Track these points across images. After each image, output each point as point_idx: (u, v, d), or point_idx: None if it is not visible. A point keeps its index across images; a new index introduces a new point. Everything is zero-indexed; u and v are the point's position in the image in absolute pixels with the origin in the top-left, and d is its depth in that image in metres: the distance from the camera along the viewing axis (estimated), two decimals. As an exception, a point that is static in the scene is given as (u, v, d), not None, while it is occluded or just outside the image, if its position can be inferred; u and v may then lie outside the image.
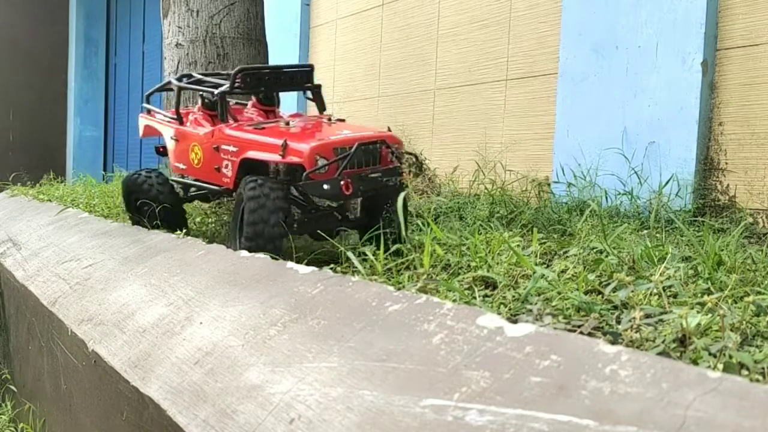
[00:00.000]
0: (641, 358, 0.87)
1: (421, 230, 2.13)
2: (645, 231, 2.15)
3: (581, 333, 1.19)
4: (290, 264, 1.60)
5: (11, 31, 9.12)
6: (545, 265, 1.72)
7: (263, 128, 2.19)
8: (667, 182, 2.63)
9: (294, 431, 1.03)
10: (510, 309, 1.41)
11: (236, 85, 2.28)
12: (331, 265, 1.69)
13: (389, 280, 1.56)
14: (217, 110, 2.37)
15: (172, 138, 2.53)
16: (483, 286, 1.56)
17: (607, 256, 1.70)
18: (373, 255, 1.73)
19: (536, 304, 1.39)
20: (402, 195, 1.93)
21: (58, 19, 9.45)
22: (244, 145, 2.13)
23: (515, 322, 1.09)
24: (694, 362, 1.02)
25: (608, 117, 2.93)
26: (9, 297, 2.79)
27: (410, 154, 2.23)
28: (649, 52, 2.79)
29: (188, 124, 2.51)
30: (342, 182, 1.89)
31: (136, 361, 1.50)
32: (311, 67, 2.46)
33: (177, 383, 1.32)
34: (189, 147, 2.41)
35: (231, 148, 2.17)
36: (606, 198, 2.70)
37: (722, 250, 1.72)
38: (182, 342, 1.45)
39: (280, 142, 1.98)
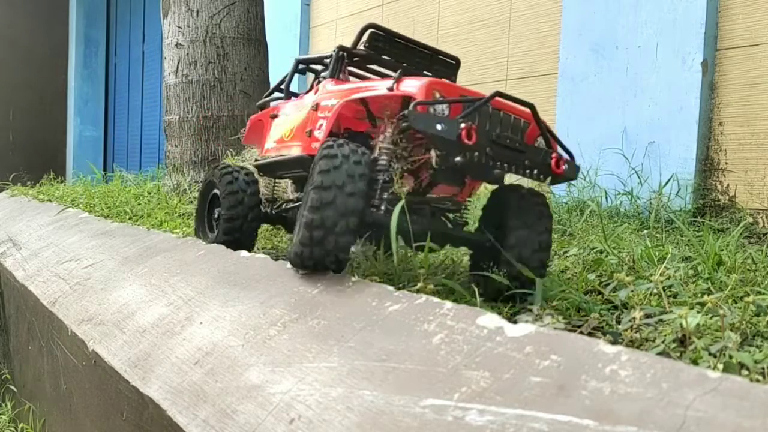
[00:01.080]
0: (641, 358, 0.86)
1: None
2: (645, 231, 2.15)
3: (581, 333, 1.19)
4: (290, 264, 1.60)
5: (11, 31, 9.12)
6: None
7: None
8: (667, 182, 2.63)
9: (294, 431, 1.03)
10: (510, 309, 1.41)
11: (363, 46, 1.83)
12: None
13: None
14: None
15: (272, 116, 2.09)
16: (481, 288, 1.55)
17: (607, 256, 1.70)
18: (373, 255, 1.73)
19: (536, 303, 1.39)
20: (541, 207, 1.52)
21: (58, 19, 9.45)
22: (346, 94, 1.67)
23: (515, 322, 1.09)
24: (694, 362, 1.02)
25: (608, 117, 2.93)
26: (9, 297, 2.79)
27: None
28: (649, 52, 2.79)
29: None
30: (463, 125, 1.33)
31: (136, 361, 1.50)
32: (457, 62, 2.05)
33: (177, 383, 1.32)
34: (287, 119, 1.99)
35: (330, 102, 1.71)
36: (606, 198, 2.70)
37: (722, 250, 1.72)
38: (182, 342, 1.45)
39: (389, 84, 1.53)
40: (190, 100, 3.34)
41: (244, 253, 1.79)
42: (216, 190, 2.01)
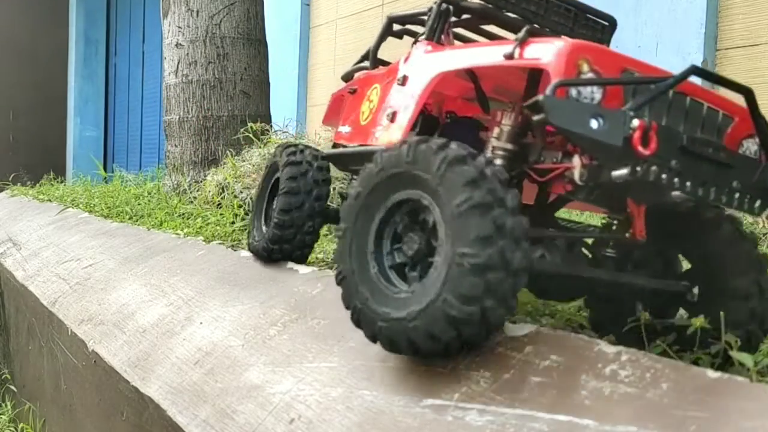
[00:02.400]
0: (641, 358, 0.86)
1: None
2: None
3: (581, 333, 1.19)
4: (290, 264, 1.60)
5: (11, 31, 9.12)
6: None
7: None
8: (667, 182, 2.63)
9: (294, 431, 1.03)
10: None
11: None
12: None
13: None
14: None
15: (350, 91, 1.65)
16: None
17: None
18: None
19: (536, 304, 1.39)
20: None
21: (58, 19, 9.44)
22: (447, 64, 1.23)
23: (515, 322, 1.09)
24: (695, 362, 1.02)
25: (608, 117, 2.93)
26: (9, 297, 2.79)
27: None
28: (649, 52, 2.79)
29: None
30: (636, 122, 0.89)
31: (136, 361, 1.50)
32: (612, 24, 1.48)
33: (177, 383, 1.32)
34: (365, 95, 1.51)
35: (422, 75, 1.26)
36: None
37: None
38: (182, 342, 1.45)
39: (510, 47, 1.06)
40: (190, 100, 3.33)
41: (244, 253, 1.79)
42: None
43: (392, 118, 1.27)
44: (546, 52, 1.01)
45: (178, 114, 3.38)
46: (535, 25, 1.32)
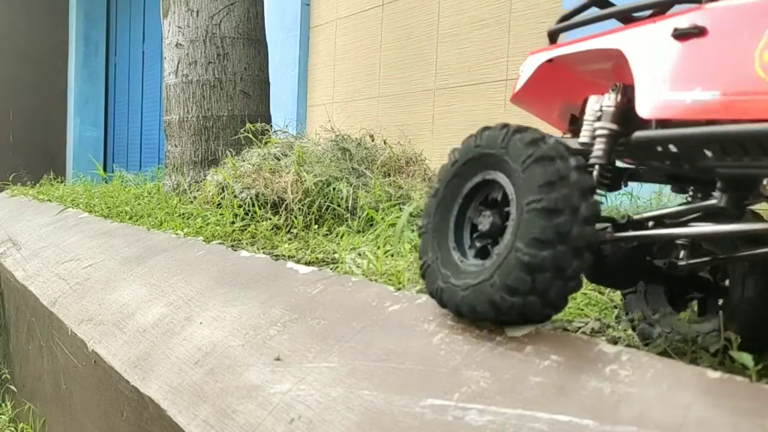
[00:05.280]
0: (641, 358, 0.87)
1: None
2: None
3: (581, 333, 1.19)
4: (290, 264, 1.60)
5: (11, 31, 9.12)
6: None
7: None
8: (667, 182, 2.63)
9: (294, 431, 1.03)
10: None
11: None
12: (331, 265, 1.68)
13: (389, 280, 1.56)
14: None
15: (678, 35, 0.93)
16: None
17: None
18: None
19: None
20: None
21: (58, 19, 9.45)
22: None
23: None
24: (694, 362, 1.02)
25: (608, 117, 2.92)
26: (9, 297, 2.79)
27: None
28: (649, 52, 2.78)
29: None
30: None
31: (136, 361, 1.50)
32: None
33: (177, 383, 1.32)
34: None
35: None
36: (606, 198, 2.70)
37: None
38: (182, 342, 1.45)
39: None
40: (190, 100, 3.34)
41: (244, 253, 1.79)
42: (494, 176, 1.07)
43: None
44: None
45: (178, 114, 3.38)
46: None
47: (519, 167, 0.98)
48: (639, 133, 0.98)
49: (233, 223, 2.37)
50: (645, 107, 0.94)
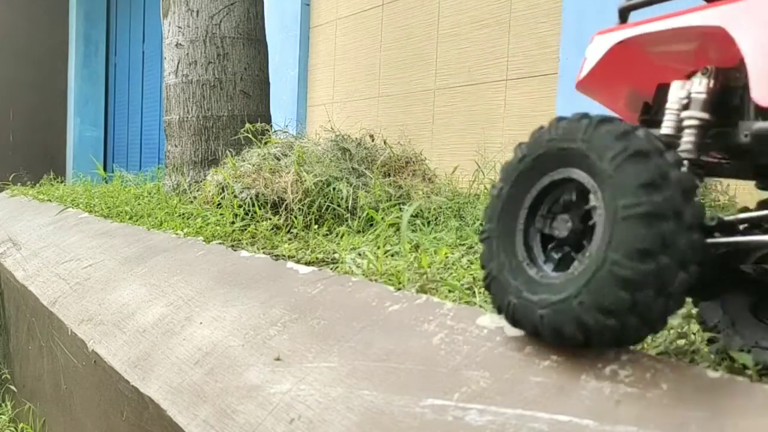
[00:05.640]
0: (641, 358, 0.87)
1: (421, 230, 2.13)
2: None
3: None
4: (290, 264, 1.60)
5: (11, 31, 9.12)
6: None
7: None
8: (667, 182, 2.62)
9: (294, 431, 1.03)
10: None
11: None
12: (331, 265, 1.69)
13: (389, 280, 1.56)
14: None
15: None
16: (483, 287, 1.55)
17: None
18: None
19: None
20: None
21: (58, 19, 9.44)
22: None
23: (515, 322, 1.09)
24: (694, 362, 1.02)
25: (608, 117, 2.93)
26: (9, 297, 2.79)
27: None
28: (649, 52, 2.79)
29: None
30: None
31: (136, 361, 1.50)
32: None
33: (177, 383, 1.32)
34: None
35: None
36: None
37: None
38: (182, 342, 1.45)
39: None
40: (190, 100, 3.34)
41: (244, 253, 1.79)
42: (570, 173, 0.93)
43: None
44: None
45: (178, 114, 3.38)
46: None
47: (608, 164, 0.83)
48: (762, 125, 0.84)
49: (233, 223, 2.37)
50: (765, 94, 0.81)
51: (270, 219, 2.37)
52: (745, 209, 0.95)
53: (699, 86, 0.90)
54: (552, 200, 0.97)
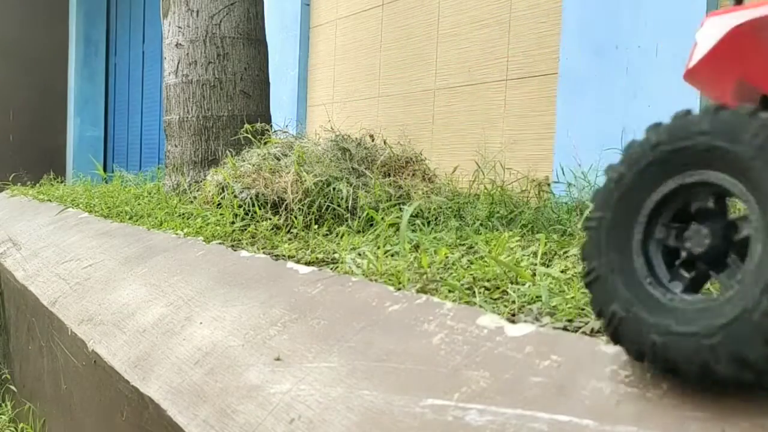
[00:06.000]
0: (641, 358, 0.86)
1: (421, 230, 2.13)
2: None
3: (581, 333, 1.19)
4: (290, 264, 1.60)
5: (11, 31, 9.12)
6: (545, 265, 1.72)
7: None
8: (667, 182, 2.62)
9: (294, 431, 1.03)
10: (510, 309, 1.41)
11: None
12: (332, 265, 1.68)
13: (389, 280, 1.56)
14: None
15: None
16: (482, 287, 1.55)
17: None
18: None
19: (536, 303, 1.39)
20: None
21: (58, 19, 9.45)
22: None
23: (515, 322, 1.09)
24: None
25: (608, 117, 2.93)
26: (9, 297, 2.79)
27: None
28: (649, 52, 2.79)
29: None
30: None
31: (136, 361, 1.50)
32: None
33: (177, 383, 1.32)
34: None
35: None
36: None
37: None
38: (182, 342, 1.45)
39: None
40: (190, 100, 3.34)
41: (244, 253, 1.79)
42: (705, 176, 0.79)
43: None
44: None
45: (178, 114, 3.38)
46: None
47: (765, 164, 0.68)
48: None
49: (233, 223, 2.37)
50: None
51: (270, 219, 2.36)
52: None
53: None
54: (678, 206, 0.82)
